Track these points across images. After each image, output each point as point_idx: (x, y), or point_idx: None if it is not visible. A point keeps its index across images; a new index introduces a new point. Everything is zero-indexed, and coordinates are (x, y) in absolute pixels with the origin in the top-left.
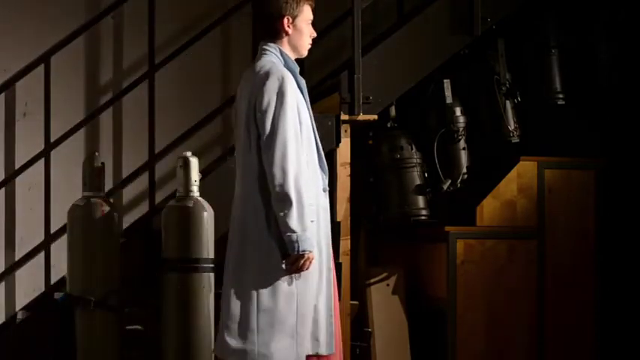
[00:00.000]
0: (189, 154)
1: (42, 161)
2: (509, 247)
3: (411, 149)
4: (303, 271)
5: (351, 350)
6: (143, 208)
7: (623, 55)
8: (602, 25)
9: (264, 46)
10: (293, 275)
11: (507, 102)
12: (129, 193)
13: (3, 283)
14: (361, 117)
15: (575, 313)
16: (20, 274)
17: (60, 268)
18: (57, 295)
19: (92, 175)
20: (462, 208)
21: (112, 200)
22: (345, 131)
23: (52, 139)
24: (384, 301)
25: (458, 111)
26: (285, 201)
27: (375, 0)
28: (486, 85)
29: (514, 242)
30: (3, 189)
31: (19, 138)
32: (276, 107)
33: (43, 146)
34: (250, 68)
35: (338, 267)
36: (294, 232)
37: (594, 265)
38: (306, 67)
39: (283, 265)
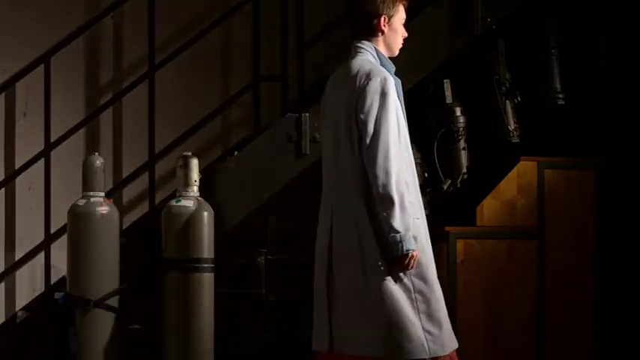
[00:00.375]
0: (189, 154)
1: (42, 161)
2: (509, 247)
3: (411, 149)
4: (409, 269)
5: None
6: (143, 208)
7: (623, 55)
8: (602, 25)
9: (359, 44)
10: (408, 273)
11: (507, 102)
12: (129, 193)
13: (3, 283)
14: None
15: (575, 313)
16: (20, 274)
17: (60, 268)
18: (57, 295)
19: (92, 175)
20: (462, 208)
21: (112, 200)
22: None
23: (52, 139)
24: None
25: (458, 111)
26: (388, 202)
27: None
28: (486, 85)
29: (514, 242)
30: (3, 189)
31: (19, 138)
32: (378, 109)
33: (43, 146)
34: (342, 67)
35: None
36: (397, 232)
37: (594, 265)
38: (306, 67)
39: (390, 266)
